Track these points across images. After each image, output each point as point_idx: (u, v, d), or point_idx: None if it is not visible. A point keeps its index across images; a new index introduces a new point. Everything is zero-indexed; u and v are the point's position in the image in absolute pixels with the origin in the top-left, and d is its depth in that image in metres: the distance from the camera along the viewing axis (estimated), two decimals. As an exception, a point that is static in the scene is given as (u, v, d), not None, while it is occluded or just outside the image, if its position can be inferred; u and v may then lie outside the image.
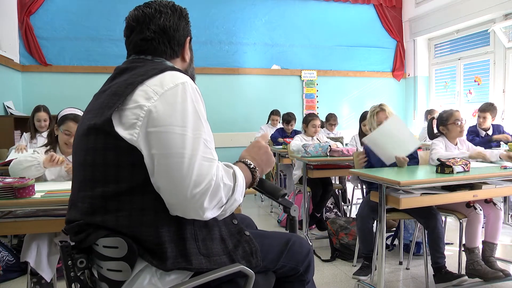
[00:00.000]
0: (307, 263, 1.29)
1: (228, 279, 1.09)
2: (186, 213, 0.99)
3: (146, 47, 1.16)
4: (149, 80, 1.03)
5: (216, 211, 1.01)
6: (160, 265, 0.98)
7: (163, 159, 0.95)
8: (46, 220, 1.80)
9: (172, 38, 1.17)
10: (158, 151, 0.96)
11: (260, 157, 1.22)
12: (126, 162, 0.99)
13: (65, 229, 1.07)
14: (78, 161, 1.09)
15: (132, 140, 0.97)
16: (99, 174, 1.01)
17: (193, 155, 0.96)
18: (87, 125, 1.05)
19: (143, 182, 0.99)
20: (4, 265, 2.72)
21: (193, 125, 0.99)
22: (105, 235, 0.99)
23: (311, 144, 3.58)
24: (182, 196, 0.95)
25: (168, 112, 0.98)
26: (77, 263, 1.03)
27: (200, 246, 1.05)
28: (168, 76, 1.04)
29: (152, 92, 1.00)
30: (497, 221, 2.50)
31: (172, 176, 0.95)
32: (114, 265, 0.99)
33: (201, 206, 0.96)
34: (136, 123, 0.98)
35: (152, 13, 1.15)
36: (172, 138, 0.96)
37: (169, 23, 1.16)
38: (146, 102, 0.98)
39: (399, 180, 2.01)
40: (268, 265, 1.20)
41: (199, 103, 1.04)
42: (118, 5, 6.06)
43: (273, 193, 1.20)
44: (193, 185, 0.94)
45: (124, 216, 0.99)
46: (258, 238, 1.19)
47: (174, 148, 0.95)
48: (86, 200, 1.03)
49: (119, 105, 1.00)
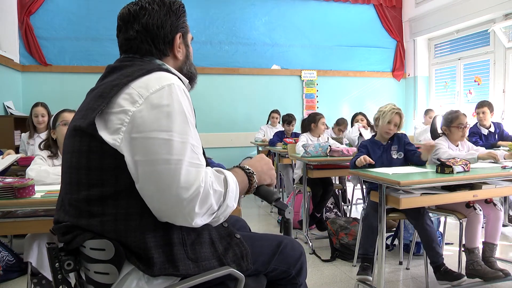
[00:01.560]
0: (299, 266, 1.26)
1: (219, 282, 1.07)
2: (175, 220, 0.96)
3: (129, 46, 1.13)
4: (134, 81, 0.99)
5: (207, 218, 0.99)
6: (147, 270, 0.96)
7: (148, 165, 0.92)
8: (46, 220, 1.79)
9: (156, 36, 1.12)
10: (142, 158, 0.93)
11: (260, 165, 1.20)
12: (110, 166, 0.96)
13: (53, 229, 1.06)
14: (65, 163, 1.07)
15: (115, 145, 0.95)
16: (83, 177, 0.99)
17: (180, 160, 0.93)
18: (73, 126, 1.03)
19: (128, 187, 0.96)
20: (4, 265, 2.71)
21: (180, 129, 0.95)
22: (92, 237, 0.97)
23: (311, 144, 3.58)
24: (169, 204, 0.92)
25: (153, 117, 0.94)
26: (64, 266, 1.01)
27: (189, 250, 1.02)
28: (154, 77, 1.00)
29: (137, 95, 0.96)
30: (497, 222, 2.50)
31: (158, 183, 0.92)
32: (101, 267, 0.97)
33: (190, 213, 0.93)
34: (120, 128, 0.95)
35: (137, 11, 1.11)
36: (158, 144, 0.93)
37: (152, 21, 1.11)
38: (131, 107, 0.95)
39: (399, 180, 2.01)
40: (259, 268, 1.18)
41: (186, 106, 0.99)
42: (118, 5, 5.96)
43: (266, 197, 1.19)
44: (180, 192, 0.91)
45: (109, 220, 0.96)
46: (249, 240, 1.17)
47: (160, 154, 0.92)
48: (72, 203, 1.01)
49: (103, 108, 0.97)
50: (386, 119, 2.65)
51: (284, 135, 5.07)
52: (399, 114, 2.67)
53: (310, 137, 3.99)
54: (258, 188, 1.18)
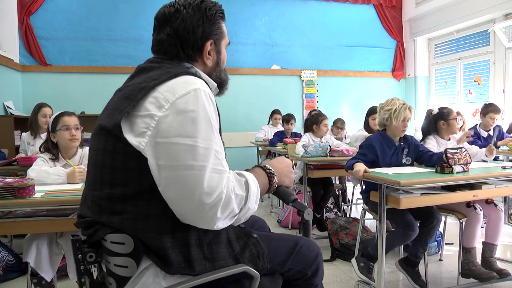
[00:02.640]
0: (316, 267, 1.27)
1: (234, 279, 1.09)
2: (197, 224, 0.99)
3: (159, 48, 1.14)
4: (161, 85, 1.00)
5: (229, 221, 1.00)
6: (164, 267, 0.99)
7: (172, 170, 0.94)
8: (46, 220, 1.79)
9: (185, 41, 1.11)
10: (166, 162, 0.94)
11: (281, 167, 1.21)
12: (133, 167, 0.98)
13: (76, 223, 1.09)
14: (91, 160, 1.09)
15: (139, 148, 0.96)
16: (107, 176, 1.01)
17: (203, 166, 0.94)
18: (99, 125, 1.05)
19: (149, 188, 0.98)
20: (4, 265, 2.72)
21: (204, 135, 0.96)
22: (112, 231, 1.00)
23: (311, 144, 3.58)
24: (192, 208, 0.94)
25: (178, 122, 0.95)
26: (87, 257, 1.04)
27: (206, 250, 1.04)
28: (181, 82, 1.01)
29: (163, 100, 0.97)
30: (498, 222, 2.49)
31: (182, 188, 0.93)
32: (121, 260, 1.00)
33: (212, 218, 0.95)
34: (145, 132, 0.96)
35: (171, 14, 1.11)
36: (182, 149, 0.94)
37: (183, 25, 1.10)
38: (157, 111, 0.96)
39: (399, 180, 2.01)
40: (275, 267, 1.19)
41: (211, 111, 1.00)
42: (118, 5, 6.06)
43: (284, 198, 1.20)
44: (203, 197, 0.93)
45: (129, 219, 0.99)
46: (265, 240, 1.18)
47: (184, 160, 0.93)
48: (95, 200, 1.04)
49: (129, 111, 0.98)
50: (400, 117, 2.49)
51: (284, 135, 5.06)
52: (409, 109, 2.57)
53: (313, 138, 3.98)
54: (277, 189, 1.20)
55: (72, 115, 2.34)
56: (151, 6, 6.15)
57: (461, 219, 2.45)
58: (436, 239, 3.14)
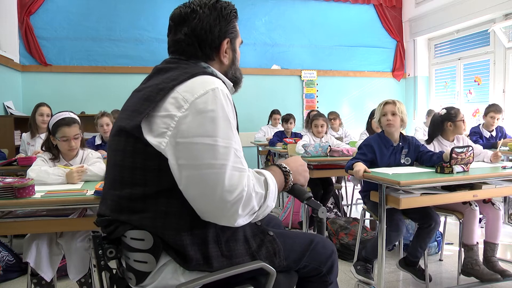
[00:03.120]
0: (330, 264, 1.29)
1: (250, 276, 1.11)
2: (218, 221, 1.00)
3: (176, 48, 1.15)
4: (179, 86, 1.01)
5: (248, 218, 1.02)
6: (183, 264, 1.01)
7: (193, 169, 0.95)
8: (46, 220, 1.79)
9: (203, 40, 1.13)
10: (187, 162, 0.96)
11: (296, 166, 1.24)
12: (153, 167, 1.00)
13: (96, 222, 1.11)
14: (110, 160, 1.11)
15: (159, 148, 0.98)
16: (127, 176, 1.03)
17: (224, 165, 0.95)
18: (118, 126, 1.07)
19: (169, 187, 0.99)
20: (4, 265, 2.72)
21: (223, 134, 0.97)
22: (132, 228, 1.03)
23: (311, 144, 3.58)
24: (214, 206, 0.96)
25: (198, 122, 0.96)
26: (107, 253, 1.07)
27: (223, 248, 1.06)
28: (199, 81, 1.02)
29: (182, 100, 0.98)
30: (497, 221, 2.50)
31: (203, 187, 0.95)
32: (140, 256, 1.03)
33: (233, 215, 0.97)
34: (165, 132, 0.97)
35: (187, 14, 1.12)
36: (202, 149, 0.95)
37: (201, 25, 1.11)
38: (177, 112, 0.98)
39: (399, 180, 2.01)
40: (291, 264, 1.21)
41: (229, 110, 1.01)
42: (118, 5, 6.06)
43: (299, 196, 1.22)
44: (224, 195, 0.94)
45: (148, 217, 1.01)
46: (281, 238, 1.20)
47: (204, 159, 0.95)
48: (115, 199, 1.06)
49: (149, 112, 1.00)
50: (378, 115, 2.57)
51: (284, 135, 5.06)
52: (388, 102, 2.56)
53: (313, 138, 3.98)
54: (292, 186, 1.22)
55: (72, 124, 2.28)
56: (151, 6, 6.17)
57: (461, 219, 2.45)
58: (436, 239, 3.14)
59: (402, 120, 2.54)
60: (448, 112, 2.78)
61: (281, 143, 4.64)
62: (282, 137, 4.86)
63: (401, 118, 2.53)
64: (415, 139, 2.64)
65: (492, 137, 4.15)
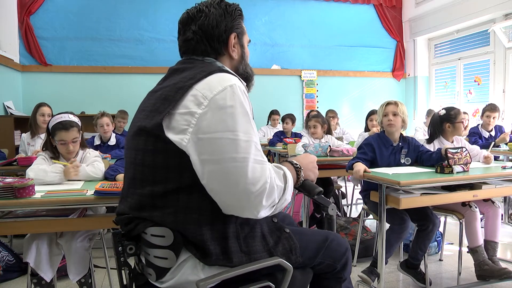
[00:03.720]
0: (345, 261, 1.32)
1: (267, 272, 1.13)
2: (242, 214, 1.03)
3: (187, 48, 1.19)
4: (197, 83, 1.04)
5: (269, 210, 1.05)
6: (203, 259, 1.04)
7: (215, 164, 0.98)
8: (46, 220, 1.79)
9: (211, 35, 1.17)
10: (210, 157, 0.98)
11: (306, 162, 1.28)
12: (174, 165, 1.02)
13: (115, 220, 1.14)
14: (129, 159, 1.13)
15: (181, 145, 1.00)
16: (148, 174, 1.06)
17: (246, 158, 0.98)
18: (138, 126, 1.09)
19: (190, 183, 1.02)
20: (4, 265, 2.72)
21: (244, 128, 1.00)
22: (153, 225, 1.05)
23: (311, 144, 3.58)
24: (238, 198, 0.99)
25: (218, 118, 0.99)
26: (127, 250, 1.10)
27: (242, 244, 1.08)
28: (216, 78, 1.05)
29: (202, 97, 1.01)
30: (496, 219, 2.49)
31: (227, 180, 0.98)
32: (161, 252, 1.05)
33: (257, 206, 1.00)
34: (187, 129, 1.00)
35: (194, 14, 1.17)
36: (224, 143, 0.98)
37: (207, 21, 1.16)
38: (197, 109, 1.00)
39: (399, 180, 2.01)
40: (306, 261, 1.24)
41: (247, 105, 1.05)
42: (118, 5, 6.06)
43: (310, 191, 1.24)
44: (248, 187, 0.97)
45: (170, 213, 1.03)
46: (297, 235, 1.23)
47: (227, 153, 0.98)
48: (135, 197, 1.08)
49: (170, 110, 1.02)
50: (380, 115, 2.60)
51: (284, 135, 5.06)
52: (390, 103, 2.57)
53: (312, 139, 3.97)
54: (303, 182, 1.24)
55: (70, 128, 2.25)
56: (151, 6, 6.17)
57: (461, 219, 2.45)
58: (436, 239, 3.14)
59: (403, 121, 2.55)
60: (447, 113, 2.76)
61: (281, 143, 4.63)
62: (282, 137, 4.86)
63: (402, 118, 2.54)
64: (414, 140, 2.65)
65: (491, 137, 4.16)
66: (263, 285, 1.12)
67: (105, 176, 2.24)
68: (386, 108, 2.57)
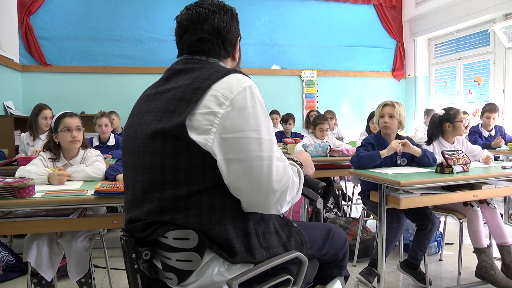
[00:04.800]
0: (345, 250, 1.41)
1: (283, 266, 1.16)
2: (267, 210, 1.06)
3: (201, 48, 1.17)
4: (215, 84, 1.04)
5: (288, 205, 1.09)
6: (229, 258, 1.04)
7: (241, 163, 0.99)
8: (46, 220, 1.80)
9: (226, 38, 1.19)
10: (235, 156, 0.99)
11: (304, 159, 1.31)
12: (198, 166, 1.01)
13: (127, 228, 1.10)
14: (142, 164, 1.08)
15: (206, 146, 0.99)
16: (169, 177, 1.03)
17: (270, 156, 1.01)
18: (152, 129, 1.05)
19: (213, 183, 1.02)
20: (4, 265, 2.72)
21: (266, 127, 1.03)
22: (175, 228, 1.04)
23: (311, 144, 3.58)
24: (265, 196, 1.01)
25: (242, 118, 1.01)
26: (142, 256, 1.08)
27: (261, 239, 1.11)
28: (234, 80, 1.06)
29: (222, 97, 1.01)
30: (497, 219, 2.46)
31: (254, 178, 0.99)
32: (184, 255, 1.04)
33: (282, 202, 1.04)
34: (210, 129, 0.99)
35: (206, 13, 1.16)
36: (249, 142, 1.00)
37: (223, 24, 1.17)
38: (219, 109, 1.00)
39: (399, 180, 2.01)
40: (315, 253, 1.29)
41: (264, 105, 1.08)
42: (118, 5, 6.06)
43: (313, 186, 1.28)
44: (274, 184, 1.00)
45: (194, 214, 1.03)
46: (304, 228, 1.27)
47: (252, 152, 0.99)
48: (155, 201, 1.06)
49: (191, 110, 1.01)
50: (377, 116, 2.60)
51: (284, 135, 5.06)
52: (387, 104, 2.56)
53: (314, 139, 3.96)
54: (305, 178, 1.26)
55: (74, 116, 2.32)
56: (151, 6, 6.17)
57: (461, 219, 2.44)
58: (436, 239, 3.14)
59: (400, 123, 2.56)
60: (446, 113, 2.76)
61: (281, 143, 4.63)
62: (282, 137, 4.86)
63: (399, 120, 2.54)
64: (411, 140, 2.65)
65: (491, 137, 4.17)
66: (283, 279, 1.15)
67: (105, 176, 2.24)
68: (383, 110, 2.57)
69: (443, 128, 2.77)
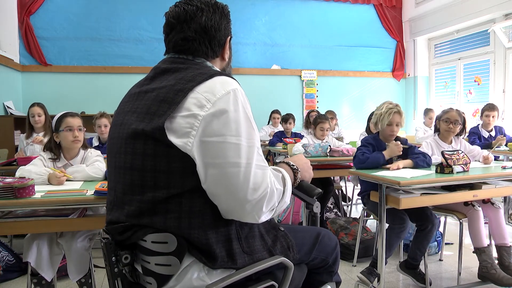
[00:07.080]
0: (335, 255, 1.36)
1: (268, 271, 1.13)
2: (243, 218, 1.02)
3: (186, 47, 1.13)
4: (199, 86, 1.01)
5: (269, 214, 1.05)
6: (209, 263, 1.02)
7: (218, 168, 0.97)
8: (46, 220, 1.79)
9: (213, 38, 1.14)
10: (213, 160, 0.97)
11: (301, 163, 1.28)
12: (177, 169, 0.99)
13: (107, 229, 1.08)
14: (123, 164, 1.06)
15: (185, 149, 0.97)
16: (149, 180, 1.01)
17: (249, 163, 0.98)
18: (133, 129, 1.03)
19: (193, 187, 1.00)
20: (4, 265, 2.72)
21: (246, 133, 1.00)
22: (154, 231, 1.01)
23: (311, 144, 3.58)
24: (240, 204, 0.98)
25: (222, 122, 0.98)
26: (122, 259, 1.05)
27: (243, 244, 1.08)
28: (218, 82, 1.02)
29: (205, 100, 0.99)
30: (499, 220, 2.46)
31: (229, 184, 0.97)
32: (163, 259, 1.01)
33: (258, 212, 1.00)
34: (190, 132, 0.97)
35: (193, 11, 1.12)
36: (228, 148, 0.97)
37: (210, 23, 1.13)
38: (200, 111, 0.98)
39: (399, 180, 2.01)
40: (303, 257, 1.26)
41: (249, 110, 1.04)
42: (118, 5, 6.06)
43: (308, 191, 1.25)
44: (250, 193, 0.97)
45: (173, 218, 1.00)
46: (291, 232, 1.23)
47: (230, 158, 0.97)
48: (134, 204, 1.03)
49: (171, 113, 0.98)
50: (385, 122, 2.52)
51: (284, 135, 5.05)
52: (398, 112, 2.52)
53: (314, 139, 3.96)
54: (300, 183, 1.25)
55: (76, 116, 2.33)
56: (151, 6, 6.17)
57: (461, 219, 2.44)
58: (436, 239, 3.14)
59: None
60: (442, 111, 2.83)
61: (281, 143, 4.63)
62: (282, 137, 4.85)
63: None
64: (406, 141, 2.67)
65: (491, 137, 4.15)
66: (267, 284, 1.11)
67: (105, 176, 2.24)
68: (393, 118, 2.51)
69: (437, 126, 2.85)
